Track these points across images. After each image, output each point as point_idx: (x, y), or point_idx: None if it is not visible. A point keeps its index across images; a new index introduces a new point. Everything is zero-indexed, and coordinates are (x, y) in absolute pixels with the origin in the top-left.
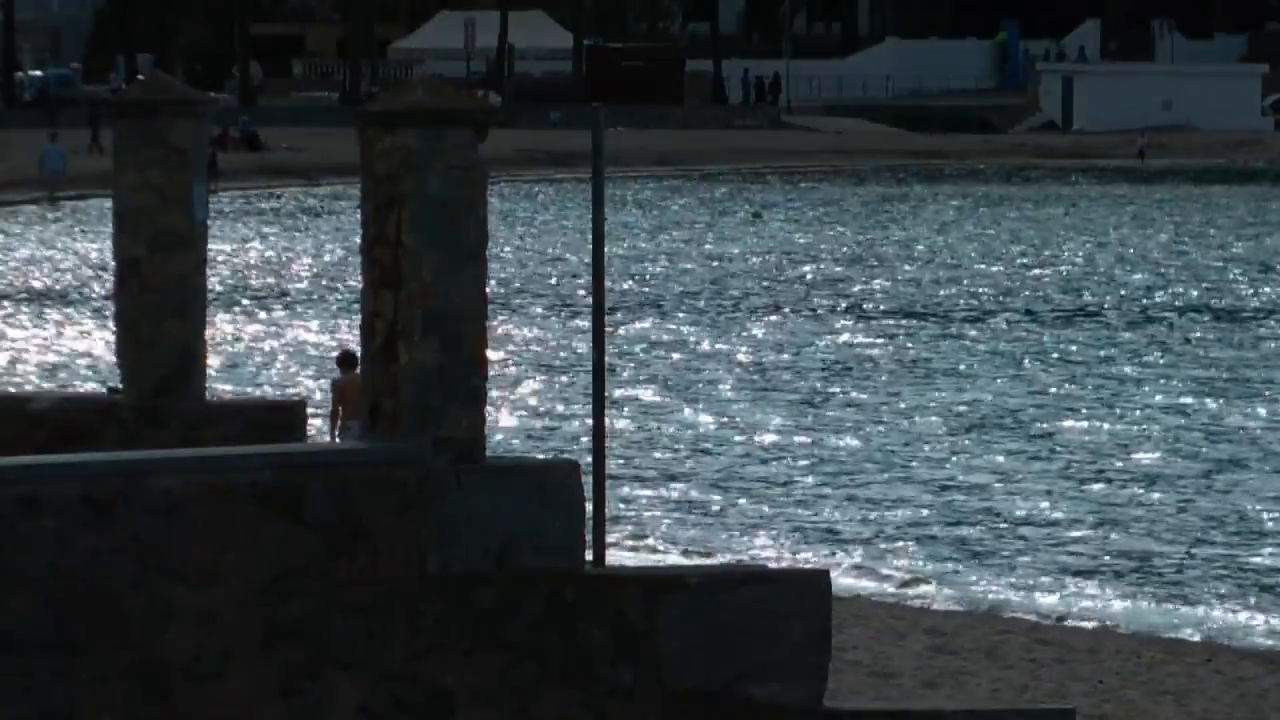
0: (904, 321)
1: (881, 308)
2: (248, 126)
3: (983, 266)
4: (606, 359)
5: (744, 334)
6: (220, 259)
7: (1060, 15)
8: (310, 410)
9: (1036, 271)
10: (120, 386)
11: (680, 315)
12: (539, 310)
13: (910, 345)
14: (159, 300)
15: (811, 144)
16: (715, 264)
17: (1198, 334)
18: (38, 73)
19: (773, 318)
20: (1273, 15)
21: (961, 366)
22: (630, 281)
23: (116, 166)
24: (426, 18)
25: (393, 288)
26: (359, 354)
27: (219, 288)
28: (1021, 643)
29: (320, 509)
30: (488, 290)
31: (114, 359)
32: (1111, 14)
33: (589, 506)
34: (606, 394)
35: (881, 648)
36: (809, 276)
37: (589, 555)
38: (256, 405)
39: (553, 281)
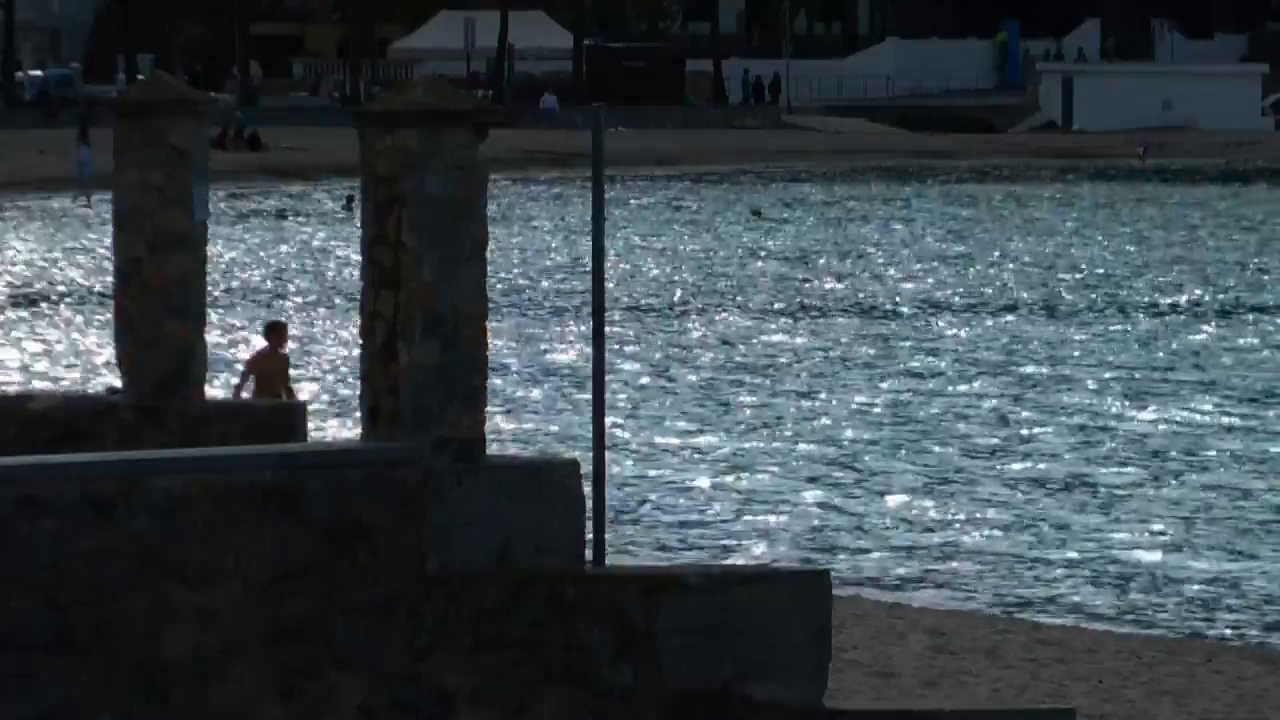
0: (890, 320)
1: (870, 306)
2: (235, 120)
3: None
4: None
5: (730, 334)
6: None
7: (1060, 15)
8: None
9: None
10: (120, 386)
11: (667, 316)
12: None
13: (891, 343)
14: (159, 300)
15: (811, 144)
16: (705, 264)
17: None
18: (38, 73)
19: (754, 316)
20: (1273, 15)
21: (940, 365)
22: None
23: (116, 166)
24: (426, 18)
25: (393, 288)
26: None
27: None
28: (1021, 643)
29: (320, 509)
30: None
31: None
32: (1111, 14)
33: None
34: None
35: (881, 648)
36: (765, 275)
37: (589, 555)
38: (256, 406)
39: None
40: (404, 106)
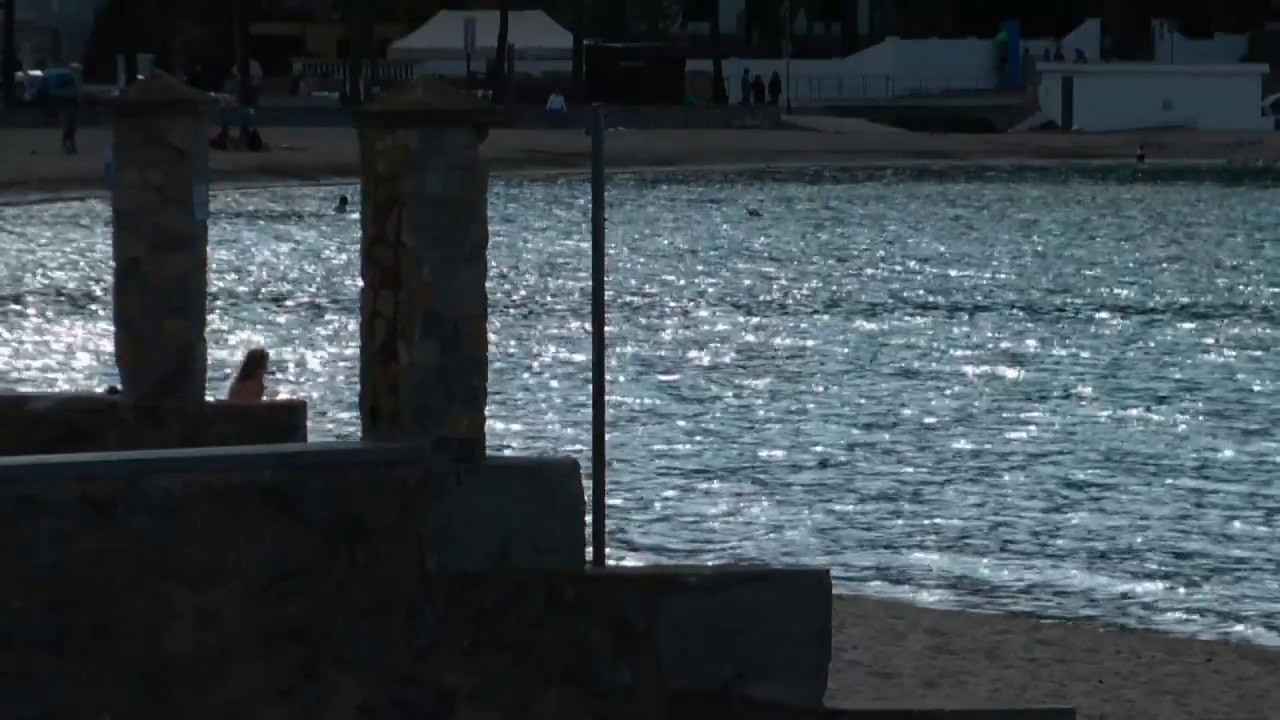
0: (872, 318)
1: (855, 303)
2: (251, 120)
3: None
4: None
5: (721, 333)
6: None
7: (1060, 15)
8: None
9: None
10: (119, 386)
11: (663, 314)
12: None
13: (885, 341)
14: (159, 300)
15: (811, 144)
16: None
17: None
18: (38, 73)
19: (741, 315)
20: (1273, 15)
21: (932, 365)
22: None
23: (116, 166)
24: (426, 18)
25: (393, 288)
26: None
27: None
28: (1021, 643)
29: (320, 509)
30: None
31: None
32: (1111, 14)
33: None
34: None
35: (881, 648)
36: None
37: (589, 555)
38: (256, 406)
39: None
40: (404, 106)
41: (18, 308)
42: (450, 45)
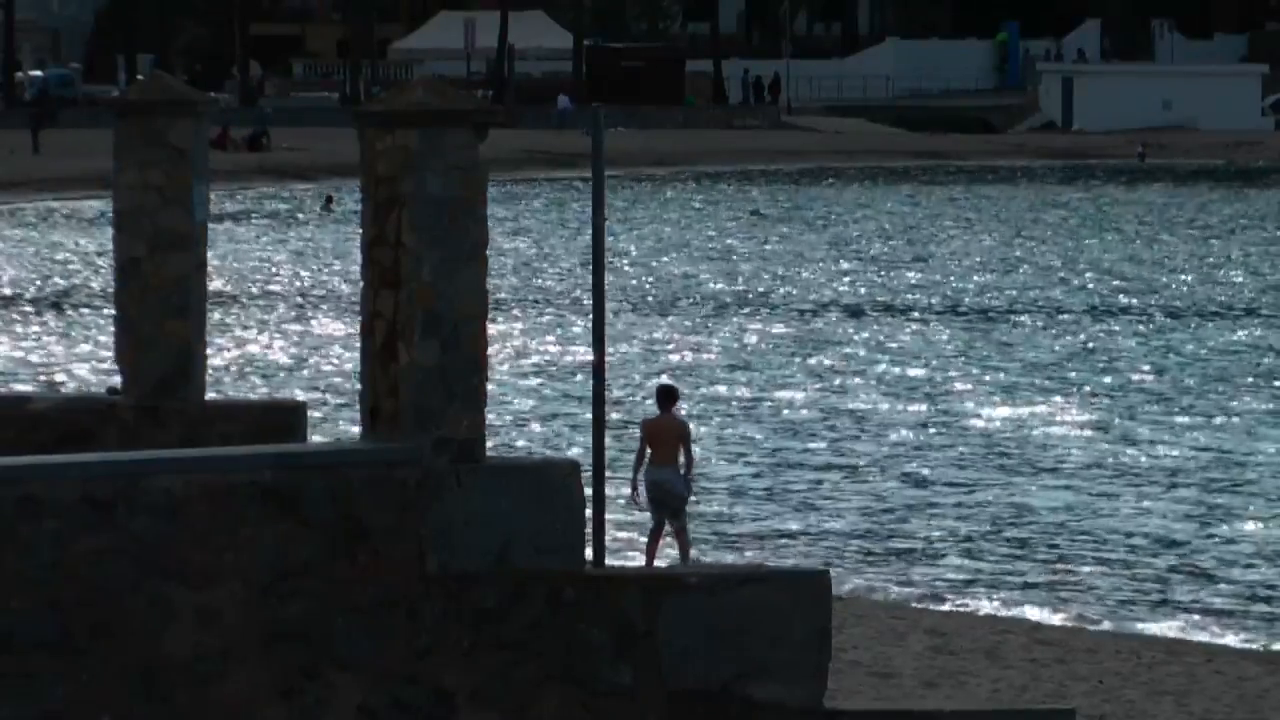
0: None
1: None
2: (266, 118)
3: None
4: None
5: (725, 334)
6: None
7: (1060, 15)
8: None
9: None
10: (119, 386)
11: (664, 316)
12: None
13: (881, 343)
14: (159, 300)
15: (811, 144)
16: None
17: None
18: (38, 73)
19: (747, 319)
20: (1273, 15)
21: (921, 364)
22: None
23: (116, 166)
24: (426, 18)
25: (393, 288)
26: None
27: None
28: (1021, 643)
29: (320, 509)
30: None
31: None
32: (1111, 14)
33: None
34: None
35: (881, 648)
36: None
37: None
38: (256, 406)
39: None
40: (404, 106)
41: (19, 307)
42: (450, 45)
